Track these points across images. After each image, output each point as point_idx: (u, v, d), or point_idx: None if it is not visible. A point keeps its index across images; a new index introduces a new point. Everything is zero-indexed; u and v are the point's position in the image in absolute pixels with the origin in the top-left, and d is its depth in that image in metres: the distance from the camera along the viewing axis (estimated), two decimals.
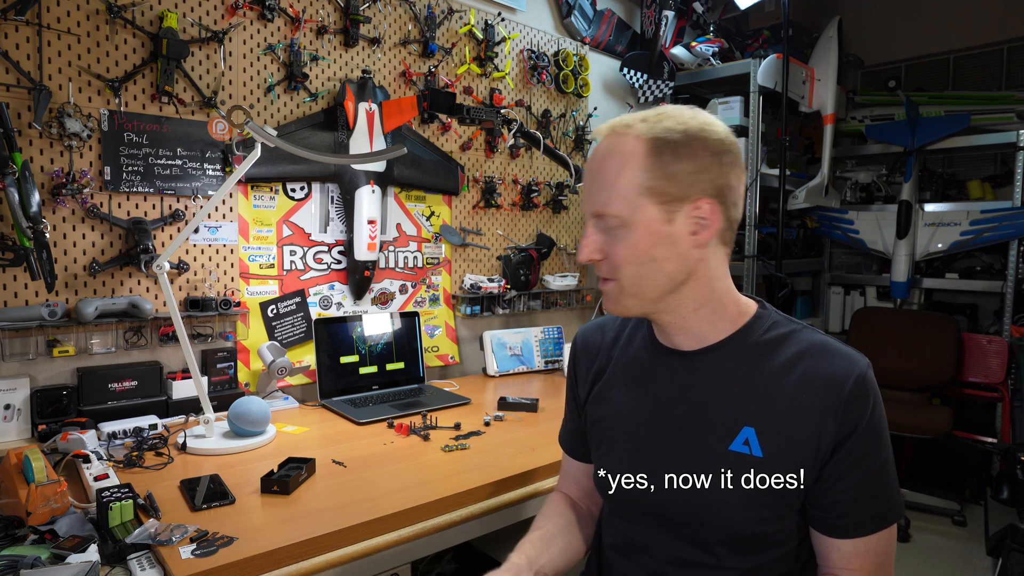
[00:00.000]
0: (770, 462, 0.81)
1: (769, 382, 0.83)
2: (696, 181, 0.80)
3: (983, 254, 3.39)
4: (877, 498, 0.82)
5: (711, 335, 0.87)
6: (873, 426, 0.80)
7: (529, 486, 1.37)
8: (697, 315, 0.86)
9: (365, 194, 2.04)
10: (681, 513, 0.86)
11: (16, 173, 1.43)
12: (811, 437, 0.80)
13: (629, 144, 0.82)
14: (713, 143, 0.81)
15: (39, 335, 1.57)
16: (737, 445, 0.82)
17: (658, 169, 0.80)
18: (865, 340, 3.40)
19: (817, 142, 3.76)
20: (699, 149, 0.80)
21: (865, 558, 0.82)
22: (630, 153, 0.81)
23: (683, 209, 0.81)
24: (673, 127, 0.81)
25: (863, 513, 0.81)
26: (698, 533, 0.85)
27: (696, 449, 0.85)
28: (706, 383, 0.86)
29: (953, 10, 3.69)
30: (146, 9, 1.69)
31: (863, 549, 0.82)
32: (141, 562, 0.99)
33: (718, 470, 0.83)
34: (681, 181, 0.80)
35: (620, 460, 0.92)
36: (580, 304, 2.85)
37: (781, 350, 0.85)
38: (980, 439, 3.14)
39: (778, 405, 0.82)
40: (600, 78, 2.98)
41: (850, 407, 0.79)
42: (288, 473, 1.28)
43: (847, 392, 0.79)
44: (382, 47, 2.17)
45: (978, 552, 2.70)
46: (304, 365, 2.03)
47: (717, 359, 0.86)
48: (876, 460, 0.81)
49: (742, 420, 0.83)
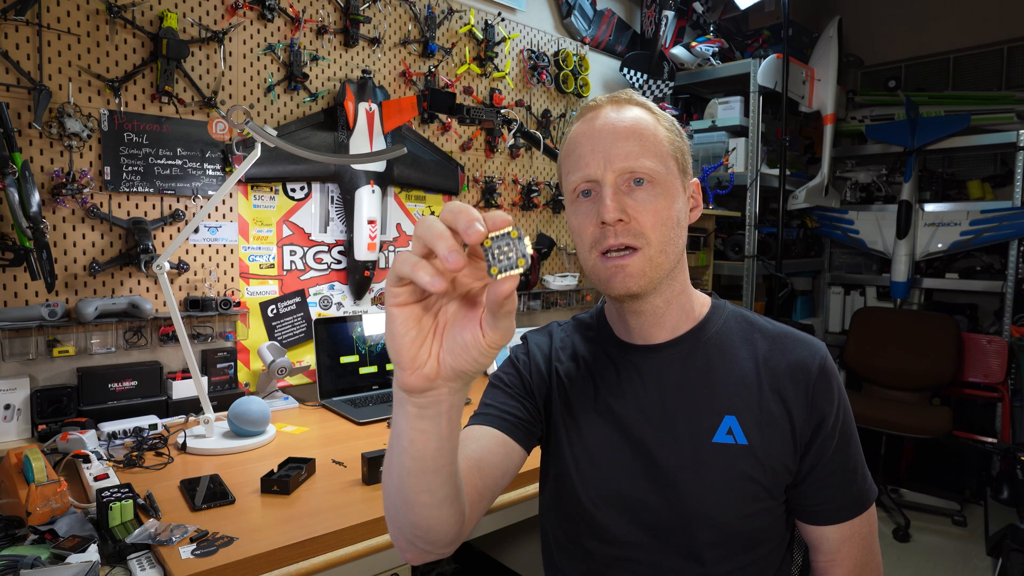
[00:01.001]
0: (756, 449, 0.80)
1: (739, 370, 0.84)
2: (690, 163, 0.87)
3: (983, 254, 3.39)
4: (856, 480, 0.83)
5: (682, 324, 0.86)
6: (843, 410, 0.83)
7: (529, 486, 1.37)
8: (678, 301, 0.86)
9: (365, 194, 2.04)
10: (668, 518, 0.81)
11: (16, 173, 1.43)
12: (787, 423, 0.81)
13: (647, 112, 0.85)
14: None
15: (39, 335, 1.57)
16: (721, 436, 0.81)
17: (678, 139, 0.85)
18: (865, 340, 3.41)
19: (817, 142, 3.76)
20: (684, 137, 0.87)
21: (852, 542, 0.84)
22: (652, 119, 0.84)
23: (687, 185, 0.85)
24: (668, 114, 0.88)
25: (847, 496, 0.82)
26: (687, 538, 0.81)
27: (678, 446, 0.82)
28: (681, 375, 0.84)
29: (953, 10, 3.69)
30: (146, 9, 1.69)
31: (849, 534, 0.83)
32: (141, 562, 0.99)
33: (705, 465, 0.80)
34: (687, 158, 0.86)
35: (598, 475, 0.85)
36: (580, 304, 2.85)
37: (743, 338, 0.86)
38: (980, 439, 3.14)
39: (752, 392, 0.82)
40: (600, 78, 2.98)
41: (818, 393, 0.81)
42: (288, 473, 1.28)
43: (813, 378, 0.81)
44: (382, 47, 2.17)
45: (978, 552, 2.70)
46: (304, 365, 2.03)
47: (688, 349, 0.85)
48: (851, 443, 0.83)
49: (722, 410, 0.82)
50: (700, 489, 0.80)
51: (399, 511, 0.65)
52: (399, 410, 0.56)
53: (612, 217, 0.77)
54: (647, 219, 0.78)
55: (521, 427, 0.87)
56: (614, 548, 0.84)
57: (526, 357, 0.95)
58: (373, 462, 1.29)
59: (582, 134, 0.83)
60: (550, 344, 0.96)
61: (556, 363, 0.93)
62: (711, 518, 0.80)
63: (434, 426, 0.55)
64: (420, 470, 0.59)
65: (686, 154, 0.85)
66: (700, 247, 3.02)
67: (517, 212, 2.64)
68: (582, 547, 0.87)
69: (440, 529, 0.65)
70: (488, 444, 0.83)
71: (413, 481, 0.60)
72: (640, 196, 0.79)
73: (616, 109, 0.83)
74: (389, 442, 0.61)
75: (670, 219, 0.80)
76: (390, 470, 0.63)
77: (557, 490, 0.90)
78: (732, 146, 3.01)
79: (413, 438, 0.56)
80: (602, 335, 0.93)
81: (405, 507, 0.63)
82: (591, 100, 0.87)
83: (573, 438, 0.88)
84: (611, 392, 0.87)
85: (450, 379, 0.52)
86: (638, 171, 0.79)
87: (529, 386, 0.92)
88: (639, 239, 0.78)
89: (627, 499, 0.83)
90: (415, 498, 0.62)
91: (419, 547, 0.68)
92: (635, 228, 0.78)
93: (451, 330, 0.51)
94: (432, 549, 0.69)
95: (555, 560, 0.93)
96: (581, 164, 0.81)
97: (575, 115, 0.89)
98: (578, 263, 2.88)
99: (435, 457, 0.58)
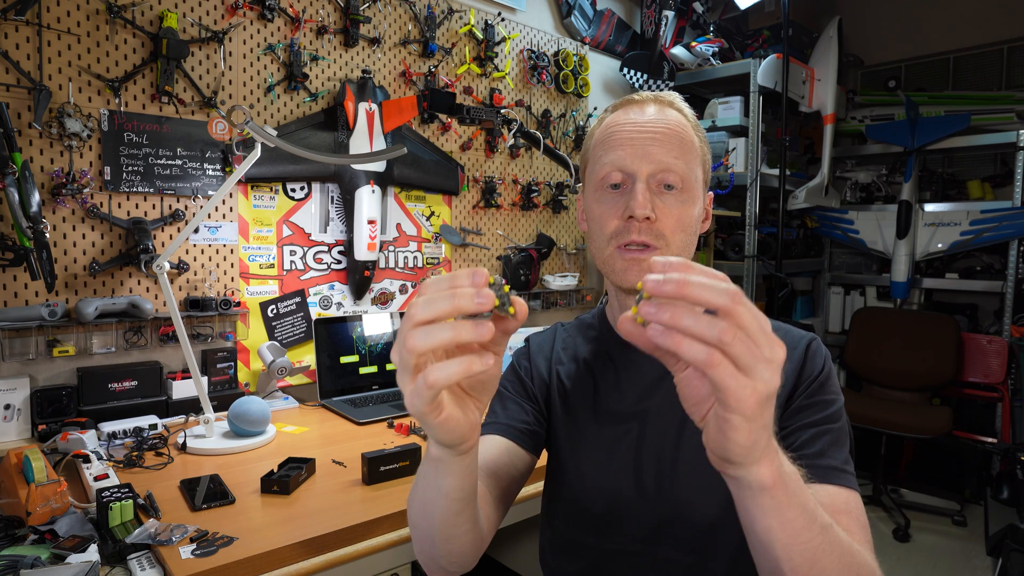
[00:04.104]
0: None
1: None
2: (711, 174, 0.88)
3: (983, 254, 3.39)
4: (842, 450, 0.80)
5: None
6: (828, 373, 0.83)
7: (528, 486, 1.36)
8: None
9: (365, 194, 2.04)
10: (665, 511, 0.82)
11: (16, 173, 1.43)
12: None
13: (687, 118, 0.86)
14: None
15: (39, 335, 1.57)
16: None
17: (706, 150, 0.87)
18: (865, 340, 3.41)
19: (817, 142, 3.76)
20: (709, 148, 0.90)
21: (849, 515, 0.81)
22: (691, 126, 0.85)
23: (704, 195, 0.87)
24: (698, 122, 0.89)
25: (837, 457, 0.79)
26: (684, 530, 0.81)
27: (674, 441, 0.83)
28: None
29: (953, 10, 3.69)
30: (146, 9, 1.69)
31: (843, 503, 0.79)
32: (141, 562, 0.99)
33: (698, 458, 0.79)
34: (710, 169, 0.88)
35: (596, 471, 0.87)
36: (580, 304, 2.85)
37: None
38: (980, 439, 3.15)
39: None
40: (600, 78, 2.98)
41: (805, 361, 0.82)
42: (288, 473, 1.28)
43: (801, 351, 0.83)
44: (382, 47, 2.17)
45: (978, 552, 2.70)
46: (304, 365, 2.03)
47: None
48: (836, 406, 0.81)
49: None
50: (696, 481, 0.81)
51: (436, 546, 0.69)
52: (440, 466, 0.59)
53: (642, 213, 0.78)
54: (670, 223, 0.81)
55: (528, 434, 0.90)
56: (612, 543, 0.86)
57: (527, 362, 0.98)
58: (373, 462, 1.29)
59: (621, 125, 0.83)
60: (552, 346, 0.98)
61: (557, 365, 0.95)
62: (707, 509, 0.81)
63: (473, 463, 0.60)
64: (460, 509, 0.63)
65: (709, 165, 0.88)
66: (700, 247, 3.02)
67: (517, 212, 2.64)
68: (581, 543, 0.88)
69: (472, 549, 0.72)
70: (497, 454, 0.86)
71: (456, 519, 0.64)
72: (668, 199, 0.81)
73: (660, 109, 0.84)
74: (419, 489, 0.65)
75: (690, 226, 0.83)
76: (427, 515, 0.66)
77: (556, 487, 0.92)
78: (732, 146, 3.01)
79: (459, 484, 0.60)
80: (603, 335, 0.94)
81: (446, 543, 0.67)
82: (636, 94, 0.88)
83: (572, 436, 0.90)
84: (610, 390, 0.89)
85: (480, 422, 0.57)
86: (673, 174, 0.80)
87: (531, 390, 0.94)
88: (659, 240, 0.80)
89: (625, 494, 0.85)
90: (456, 532, 0.66)
91: (451, 571, 0.74)
92: (658, 229, 0.80)
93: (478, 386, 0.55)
94: (463, 569, 0.75)
95: (553, 558, 0.93)
96: (618, 155, 0.82)
97: (614, 105, 0.89)
98: (578, 263, 2.88)
99: (472, 489, 0.63)
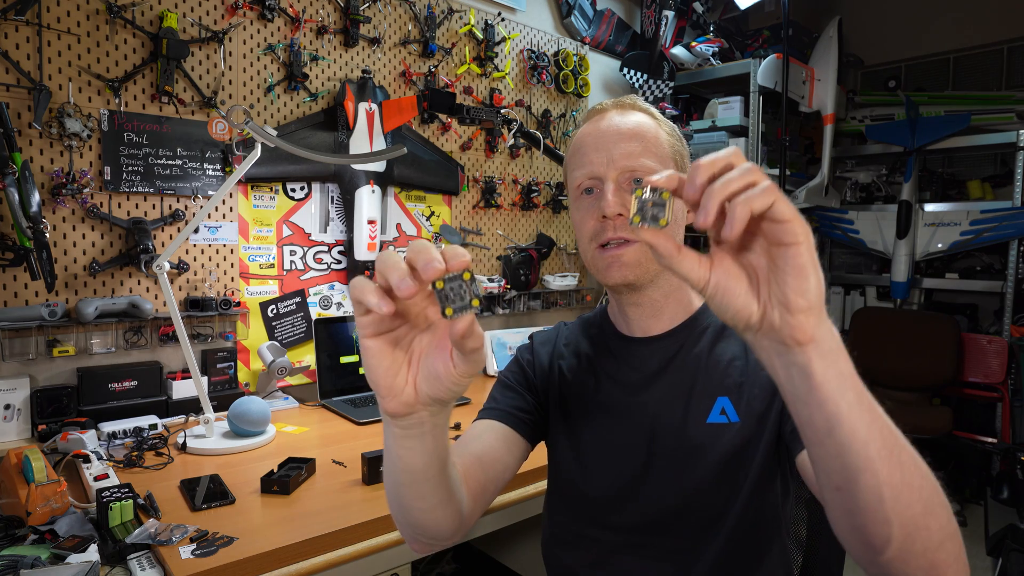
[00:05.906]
0: (746, 423, 0.82)
1: (731, 353, 0.86)
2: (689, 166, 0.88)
3: (983, 254, 3.39)
4: None
5: (679, 316, 0.90)
6: None
7: (529, 486, 1.37)
8: (675, 295, 0.89)
9: (365, 194, 2.04)
10: (668, 501, 0.84)
11: (16, 173, 1.43)
12: (768, 382, 0.81)
13: (649, 117, 0.89)
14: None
15: (39, 335, 1.57)
16: (715, 416, 0.84)
17: (678, 144, 0.89)
18: (865, 340, 3.41)
19: (817, 142, 3.76)
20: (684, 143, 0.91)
21: None
22: (654, 123, 0.88)
23: None
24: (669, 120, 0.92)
25: None
26: (687, 519, 0.83)
27: (676, 431, 0.84)
28: (678, 363, 0.87)
29: (953, 10, 3.69)
30: (146, 9, 1.69)
31: None
32: (141, 562, 0.99)
33: (700, 447, 0.83)
34: (687, 161, 0.89)
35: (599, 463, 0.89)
36: (580, 304, 2.85)
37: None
38: (980, 439, 3.14)
39: (743, 371, 0.85)
40: (600, 78, 2.98)
41: None
42: (288, 473, 1.28)
43: None
44: (382, 47, 2.17)
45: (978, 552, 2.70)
46: (304, 365, 2.03)
47: (684, 338, 0.89)
48: None
49: (716, 392, 0.85)
50: (697, 470, 0.83)
51: (399, 514, 0.71)
52: (386, 430, 0.60)
53: (612, 211, 0.81)
54: None
55: (525, 420, 0.92)
56: (617, 534, 0.87)
57: (530, 355, 1.01)
58: (373, 462, 1.29)
59: (587, 135, 0.88)
60: (555, 342, 1.01)
61: (559, 360, 0.98)
62: (710, 499, 0.82)
63: (419, 444, 0.59)
64: (411, 481, 0.64)
65: (685, 157, 0.89)
66: (700, 248, 3.02)
67: (517, 212, 2.64)
68: (585, 536, 0.89)
69: (437, 528, 0.71)
70: (491, 439, 0.88)
71: (406, 491, 0.65)
72: None
73: (620, 113, 0.89)
74: (383, 453, 0.66)
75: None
76: (387, 479, 0.68)
77: (560, 481, 0.94)
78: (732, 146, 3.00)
79: (401, 455, 0.61)
80: (604, 330, 0.97)
81: (403, 512, 0.70)
82: (598, 104, 0.92)
83: (574, 429, 0.92)
84: (612, 383, 0.91)
85: (428, 404, 0.55)
86: (639, 170, 0.83)
87: (532, 381, 0.97)
88: (635, 233, 0.80)
89: (628, 485, 0.86)
90: (410, 504, 0.67)
91: (422, 541, 0.75)
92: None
93: (425, 360, 0.54)
94: (435, 543, 0.76)
95: (556, 550, 0.94)
96: (585, 162, 0.86)
97: (583, 118, 0.92)
98: (578, 263, 2.89)
99: (424, 470, 0.62)
